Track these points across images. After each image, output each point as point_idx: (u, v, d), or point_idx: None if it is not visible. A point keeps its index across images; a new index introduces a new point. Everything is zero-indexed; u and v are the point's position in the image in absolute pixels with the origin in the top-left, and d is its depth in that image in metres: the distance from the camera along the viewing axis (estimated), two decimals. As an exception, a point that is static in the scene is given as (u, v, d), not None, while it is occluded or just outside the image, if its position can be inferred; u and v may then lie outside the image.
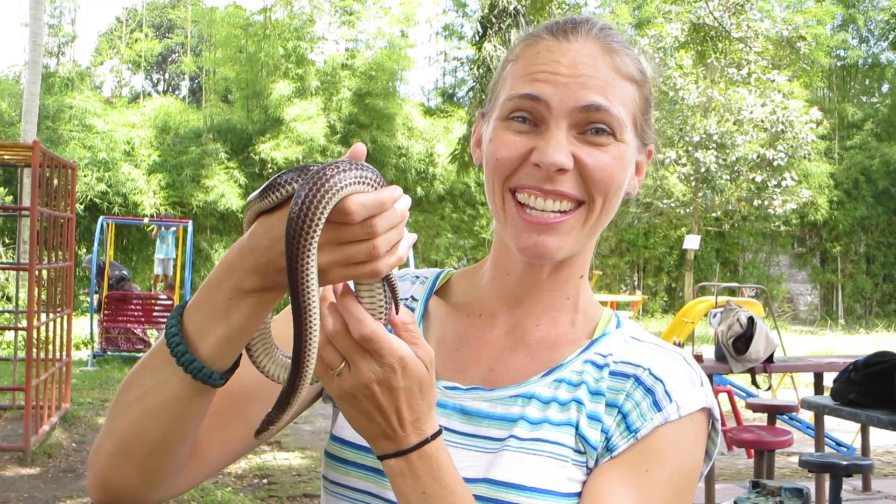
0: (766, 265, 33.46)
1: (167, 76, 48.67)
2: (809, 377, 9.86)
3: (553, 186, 1.22)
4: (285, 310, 1.34)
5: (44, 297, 9.93)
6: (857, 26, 35.19)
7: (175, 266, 18.74)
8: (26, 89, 18.46)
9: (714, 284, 15.38)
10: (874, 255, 33.53)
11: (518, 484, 1.19)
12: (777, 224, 29.44)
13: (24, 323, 9.15)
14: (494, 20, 21.11)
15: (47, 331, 9.86)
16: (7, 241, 24.23)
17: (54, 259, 10.06)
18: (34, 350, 9.00)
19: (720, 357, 8.29)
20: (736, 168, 26.57)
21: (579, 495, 1.21)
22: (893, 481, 8.78)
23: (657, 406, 1.21)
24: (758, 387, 9.90)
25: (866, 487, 8.23)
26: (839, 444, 9.57)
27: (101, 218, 17.63)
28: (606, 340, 1.31)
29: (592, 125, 1.23)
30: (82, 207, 23.80)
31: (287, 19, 30.39)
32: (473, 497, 1.15)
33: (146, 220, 19.15)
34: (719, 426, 1.29)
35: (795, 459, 7.72)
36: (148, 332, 16.39)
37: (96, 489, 1.23)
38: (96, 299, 16.75)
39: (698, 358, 7.94)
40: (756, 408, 8.58)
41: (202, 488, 7.88)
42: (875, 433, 8.53)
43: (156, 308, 16.68)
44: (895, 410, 5.70)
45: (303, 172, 0.99)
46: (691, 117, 26.16)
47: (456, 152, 22.96)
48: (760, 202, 27.17)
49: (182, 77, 46.16)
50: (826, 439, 8.46)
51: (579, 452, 1.22)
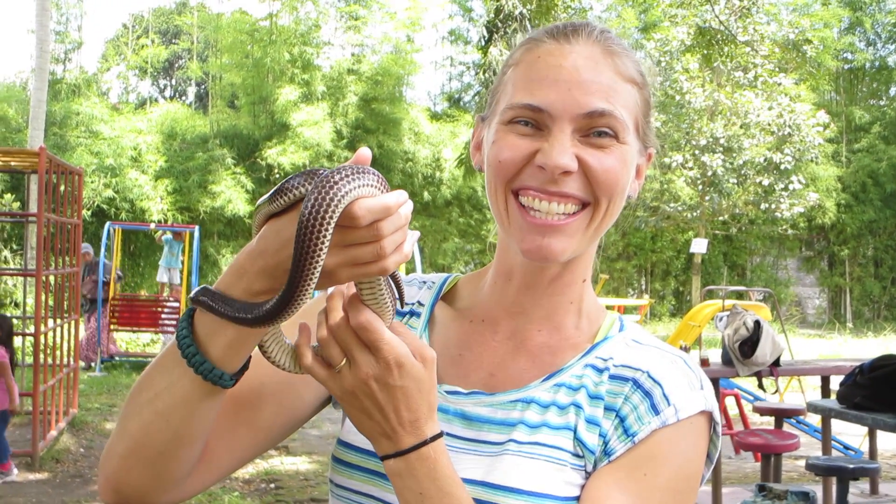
0: (774, 269, 33.41)
1: (174, 82, 48.73)
2: (817, 381, 9.84)
3: (558, 188, 1.22)
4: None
5: (51, 303, 9.96)
6: (864, 29, 35.10)
7: (181, 274, 18.75)
8: (33, 96, 18.54)
9: (721, 288, 15.39)
10: (882, 259, 33.45)
11: (516, 488, 1.20)
12: (784, 227, 29.39)
13: (32, 329, 9.18)
14: (500, 25, 21.10)
15: (55, 336, 9.89)
16: (14, 248, 24.28)
17: (61, 265, 10.08)
18: (42, 355, 9.03)
19: (727, 361, 8.27)
20: (743, 171, 26.54)
21: (577, 499, 1.21)
22: (901, 485, 8.76)
23: (655, 409, 1.21)
24: (764, 390, 9.88)
25: (874, 491, 8.21)
26: (847, 448, 9.54)
27: (108, 224, 17.69)
28: (608, 344, 1.31)
29: (596, 129, 1.22)
30: (89, 213, 23.86)
31: (293, 25, 30.45)
32: (473, 501, 1.16)
33: (153, 226, 19.18)
34: (720, 429, 1.28)
35: (803, 463, 7.71)
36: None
37: (107, 491, 1.24)
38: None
39: (704, 362, 7.93)
40: (763, 411, 8.57)
41: (210, 493, 7.89)
42: (883, 436, 8.51)
43: (164, 312, 16.71)
44: (901, 413, 5.69)
45: (312, 177, 1.02)
46: (698, 121, 26.13)
47: (462, 157, 23.02)
48: (768, 206, 27.12)
49: (188, 83, 46.24)
50: (833, 443, 8.45)
51: (577, 456, 1.22)
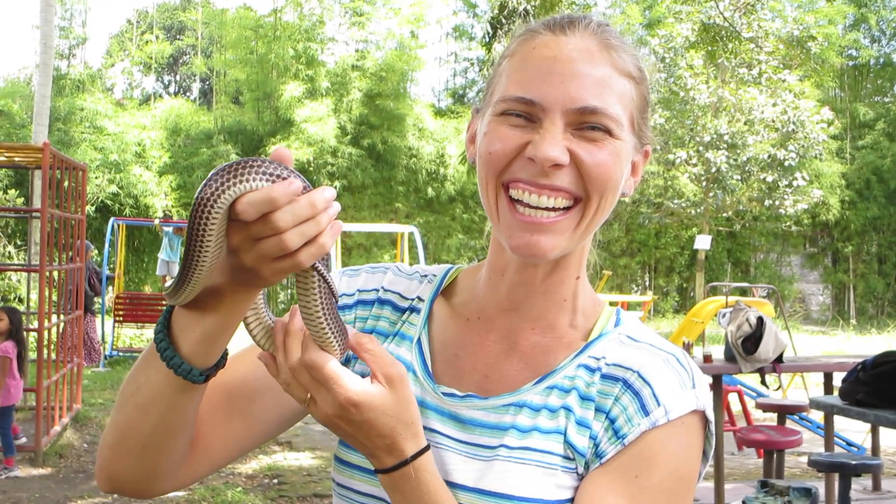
0: (778, 265, 33.37)
1: (178, 78, 48.78)
2: (819, 377, 9.83)
3: (548, 181, 1.19)
4: (245, 351, 1.37)
5: (55, 299, 9.97)
6: (869, 26, 35.06)
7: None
8: (37, 91, 18.52)
9: (725, 285, 15.37)
10: (886, 255, 33.40)
11: (507, 494, 1.19)
12: (788, 224, 29.34)
13: (36, 324, 9.19)
14: (504, 21, 21.14)
15: (58, 332, 9.90)
16: (18, 243, 24.31)
17: (65, 260, 10.09)
18: (45, 351, 9.04)
19: (730, 357, 8.26)
20: (747, 168, 26.49)
21: (570, 501, 1.20)
22: (904, 481, 8.76)
23: (644, 410, 1.19)
24: (767, 387, 9.87)
25: (876, 487, 8.21)
26: (849, 444, 9.53)
27: (112, 219, 17.70)
28: (601, 342, 1.29)
29: (588, 124, 1.20)
30: (93, 209, 23.89)
31: (297, 21, 30.45)
32: None
33: (157, 222, 19.18)
34: (713, 427, 1.26)
35: (805, 459, 7.71)
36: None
37: (102, 479, 1.28)
38: (107, 301, 16.81)
39: (707, 358, 7.91)
40: (766, 408, 8.57)
41: (213, 488, 7.90)
42: (886, 433, 8.50)
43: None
44: (904, 410, 5.69)
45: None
46: (702, 117, 26.09)
47: (465, 153, 23.01)
48: (771, 202, 27.08)
49: (193, 79, 46.27)
50: (836, 439, 8.44)
51: (568, 459, 1.21)
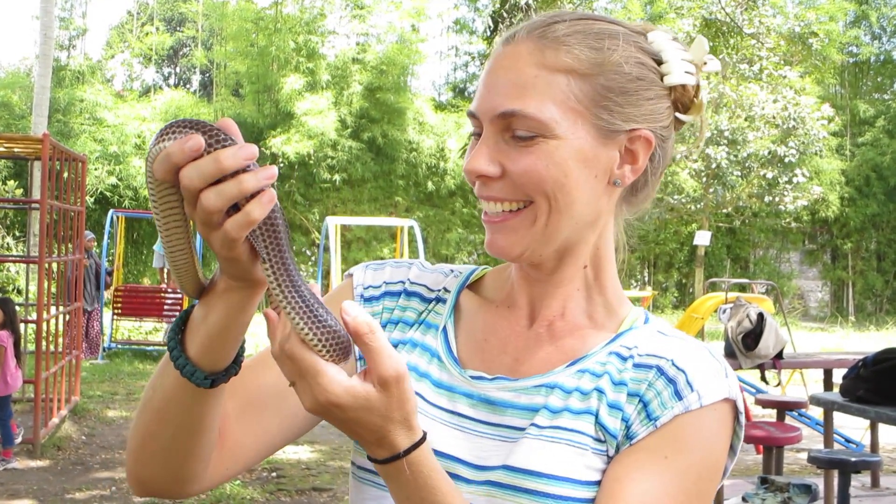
0: (777, 262, 33.38)
1: (178, 70, 48.69)
2: (819, 374, 9.83)
3: (486, 192, 1.25)
4: (261, 356, 1.35)
5: (53, 290, 9.96)
6: (870, 23, 35.02)
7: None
8: (37, 82, 18.53)
9: (724, 280, 15.38)
10: (885, 253, 33.42)
11: (536, 471, 1.20)
12: (788, 220, 29.36)
13: (34, 316, 9.18)
14: (506, 15, 21.09)
15: (57, 324, 9.89)
16: (17, 234, 24.31)
17: (64, 252, 10.08)
18: (44, 343, 9.04)
19: (729, 353, 8.28)
20: (747, 164, 26.50)
21: (598, 483, 1.21)
22: (903, 479, 8.76)
23: (678, 395, 1.21)
24: (767, 383, 9.88)
25: (875, 484, 8.22)
26: (848, 441, 9.54)
27: (112, 211, 17.69)
28: (632, 334, 1.31)
29: (515, 130, 1.22)
30: (92, 200, 23.87)
31: (298, 13, 30.43)
32: (491, 484, 1.20)
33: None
34: (743, 419, 1.26)
35: (804, 456, 7.71)
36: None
37: (132, 482, 1.27)
38: (107, 294, 16.79)
39: (707, 354, 7.93)
40: (765, 404, 8.56)
41: (211, 481, 7.88)
42: (884, 430, 8.50)
43: (166, 301, 16.71)
44: (904, 407, 5.68)
45: None
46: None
47: (467, 147, 22.98)
48: (771, 198, 27.09)
49: (193, 71, 46.19)
50: (835, 436, 8.44)
51: (599, 441, 1.22)
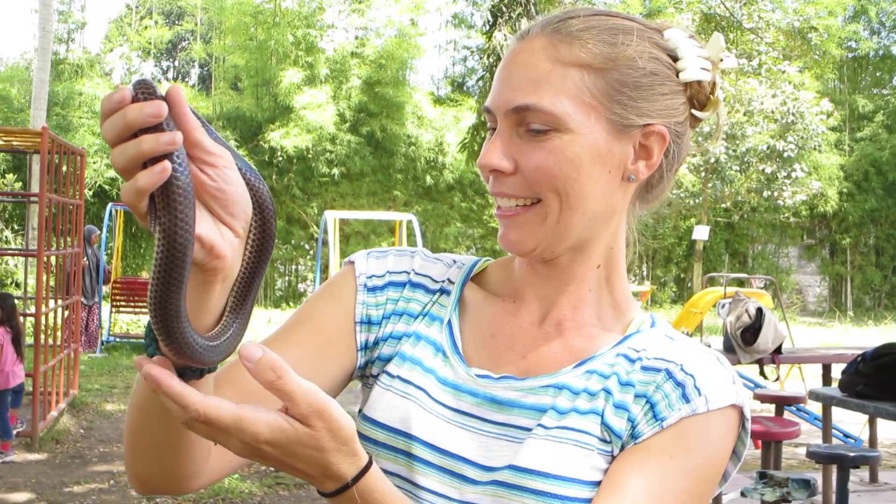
0: (776, 256, 33.39)
1: (177, 63, 48.62)
2: (817, 369, 9.83)
3: (498, 188, 1.25)
4: (279, 335, 1.32)
5: (52, 284, 9.95)
6: (869, 17, 35.04)
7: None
8: (36, 76, 18.49)
9: (723, 275, 15.36)
10: (884, 248, 33.45)
11: (542, 471, 1.20)
12: (786, 215, 29.38)
13: (33, 309, 9.17)
14: (505, 9, 21.00)
15: (55, 317, 9.88)
16: (16, 228, 24.30)
17: (63, 245, 10.07)
18: (42, 336, 9.03)
19: (728, 348, 8.27)
20: (746, 159, 26.51)
21: None
22: (901, 473, 8.77)
23: (686, 398, 1.20)
24: (766, 378, 9.88)
25: (873, 479, 8.22)
26: (847, 436, 9.54)
27: (110, 205, 17.66)
28: (640, 337, 1.30)
29: (529, 124, 1.22)
30: (91, 194, 23.85)
31: (297, 7, 30.40)
32: (497, 484, 1.19)
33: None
34: (749, 426, 1.27)
35: (803, 451, 7.72)
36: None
37: (132, 481, 1.25)
38: (105, 288, 16.78)
39: (706, 349, 7.93)
40: (764, 399, 8.56)
41: (209, 475, 7.88)
42: (883, 425, 8.51)
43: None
44: (903, 402, 5.68)
45: None
46: (701, 108, 26.06)
47: (465, 141, 22.84)
48: (770, 193, 27.10)
49: (192, 64, 46.14)
50: (834, 431, 8.45)
51: (604, 441, 1.22)
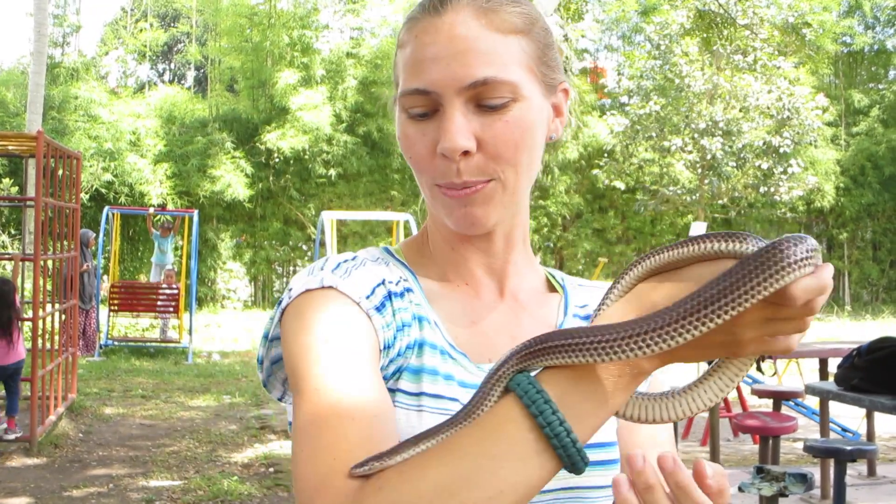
0: (773, 252, 33.35)
1: (173, 66, 48.59)
2: (815, 363, 9.84)
3: (461, 180, 1.18)
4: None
5: (49, 288, 9.95)
6: (864, 13, 35.00)
7: (181, 259, 18.61)
8: (31, 80, 18.45)
9: (720, 271, 15.32)
10: (880, 242, 33.47)
11: (597, 442, 1.23)
12: (783, 211, 29.35)
13: (30, 313, 9.17)
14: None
15: (53, 321, 9.88)
16: (13, 232, 24.28)
17: (59, 249, 10.08)
18: (40, 340, 9.03)
19: (725, 343, 8.26)
20: (742, 155, 26.51)
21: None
22: (899, 467, 8.78)
23: None
24: (763, 373, 9.88)
25: (871, 472, 8.23)
26: (844, 430, 9.56)
27: (107, 208, 17.65)
28: (572, 294, 1.36)
29: (486, 98, 1.17)
30: (87, 197, 23.83)
31: (292, 8, 30.37)
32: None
33: (151, 210, 19.08)
34: None
35: (800, 445, 7.73)
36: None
37: None
38: (102, 291, 16.79)
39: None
40: (761, 394, 8.57)
41: (208, 478, 7.89)
42: (880, 418, 8.52)
43: (161, 298, 16.71)
44: (899, 396, 5.69)
45: (742, 239, 0.94)
46: (697, 104, 26.08)
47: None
48: (767, 189, 27.10)
49: (187, 67, 46.12)
50: (831, 425, 8.45)
51: None
